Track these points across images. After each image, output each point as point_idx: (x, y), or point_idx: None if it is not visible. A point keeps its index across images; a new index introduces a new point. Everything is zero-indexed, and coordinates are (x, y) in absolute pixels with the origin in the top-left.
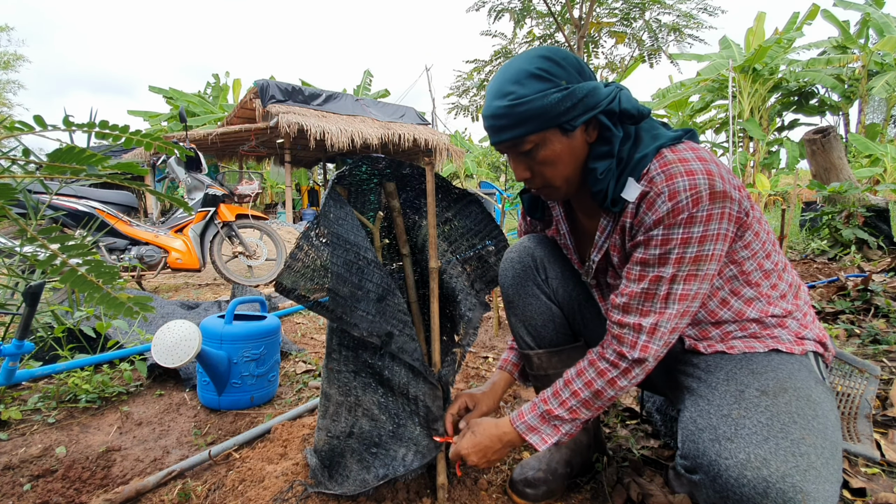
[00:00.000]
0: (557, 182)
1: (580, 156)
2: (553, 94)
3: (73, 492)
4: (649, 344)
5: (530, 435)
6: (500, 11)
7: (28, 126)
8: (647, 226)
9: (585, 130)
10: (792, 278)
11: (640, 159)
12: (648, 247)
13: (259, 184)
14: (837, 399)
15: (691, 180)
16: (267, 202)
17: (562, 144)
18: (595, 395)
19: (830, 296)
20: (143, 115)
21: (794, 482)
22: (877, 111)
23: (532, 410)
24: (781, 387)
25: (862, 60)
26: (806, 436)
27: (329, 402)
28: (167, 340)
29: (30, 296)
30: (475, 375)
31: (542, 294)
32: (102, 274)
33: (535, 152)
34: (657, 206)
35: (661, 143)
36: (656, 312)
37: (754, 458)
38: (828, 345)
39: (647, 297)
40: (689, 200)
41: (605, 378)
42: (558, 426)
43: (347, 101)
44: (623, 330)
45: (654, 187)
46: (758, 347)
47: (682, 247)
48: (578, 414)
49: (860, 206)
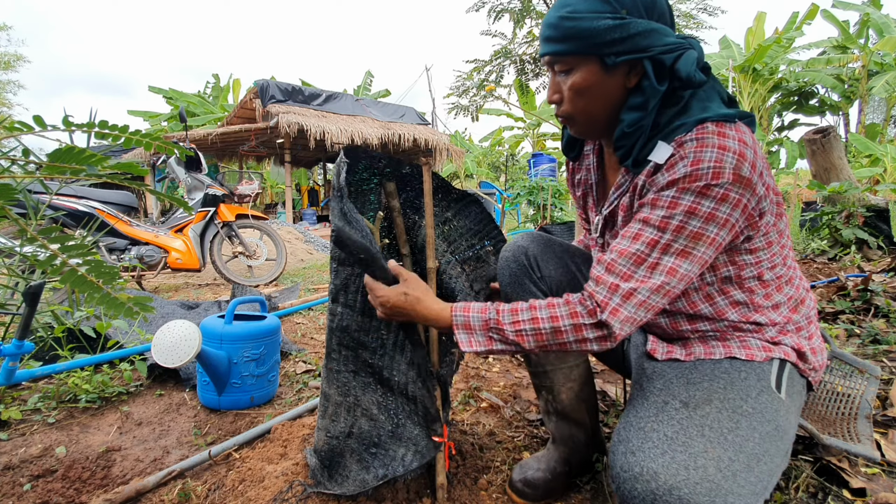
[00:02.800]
0: (580, 115)
1: (613, 99)
2: (606, 19)
3: (73, 492)
4: (620, 309)
5: (461, 331)
6: (500, 11)
7: (28, 126)
8: (659, 185)
9: (628, 74)
10: (795, 292)
11: (678, 126)
12: (655, 207)
13: (259, 184)
14: (837, 399)
15: (720, 154)
16: (267, 202)
17: (596, 77)
18: (554, 331)
19: (830, 296)
20: (143, 115)
21: (682, 495)
22: (877, 111)
23: (480, 312)
24: (707, 399)
25: (862, 60)
26: (709, 448)
27: (328, 403)
28: (167, 340)
29: (30, 296)
30: (475, 375)
31: (538, 290)
32: (102, 274)
33: (569, 75)
34: (677, 167)
35: (708, 115)
36: (638, 279)
37: (646, 471)
38: (807, 356)
39: (636, 259)
40: (711, 171)
41: (574, 320)
42: (493, 340)
43: (347, 101)
44: (598, 287)
45: (681, 150)
46: (716, 353)
47: (687, 216)
48: (523, 341)
49: (860, 206)
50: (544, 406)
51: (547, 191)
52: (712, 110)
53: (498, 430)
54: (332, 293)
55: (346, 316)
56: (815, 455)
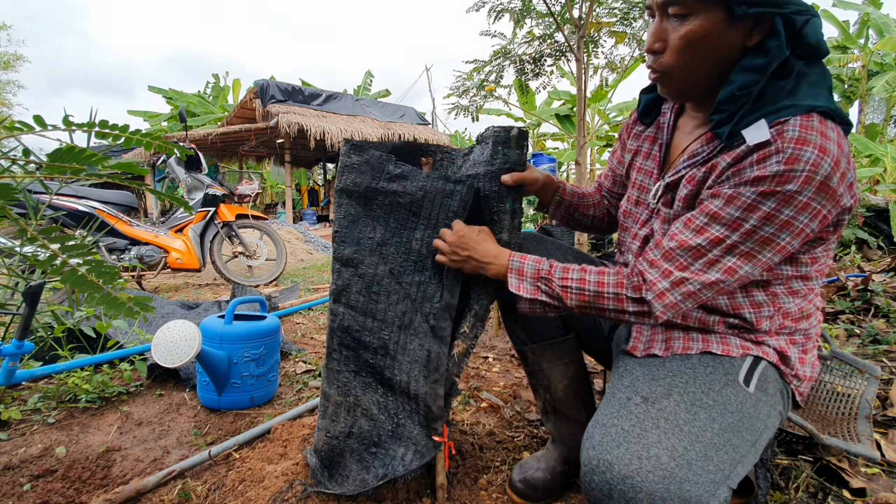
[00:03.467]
0: (682, 70)
1: (727, 56)
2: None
3: (73, 492)
4: (667, 293)
5: (513, 275)
6: (500, 11)
7: (28, 126)
8: (744, 178)
9: (750, 30)
10: (806, 305)
11: (786, 107)
12: (730, 204)
13: (259, 184)
14: (837, 399)
15: (818, 158)
16: (267, 202)
17: (715, 29)
18: (597, 295)
19: (830, 296)
20: (143, 115)
21: (634, 483)
22: (877, 111)
23: (535, 262)
24: (666, 393)
25: (862, 60)
26: (663, 439)
27: (328, 402)
28: (167, 340)
29: (30, 296)
30: (475, 375)
31: None
32: (103, 274)
33: (684, 21)
34: (769, 162)
35: (818, 104)
36: (693, 272)
37: (602, 463)
38: (791, 360)
39: (695, 254)
40: (803, 175)
41: (618, 290)
42: (539, 290)
43: (347, 101)
44: (651, 269)
45: (779, 142)
46: (693, 348)
47: (763, 221)
48: (567, 296)
49: (860, 206)
50: (542, 405)
51: None
52: (822, 99)
53: (498, 430)
54: (334, 293)
55: (347, 316)
56: (815, 455)
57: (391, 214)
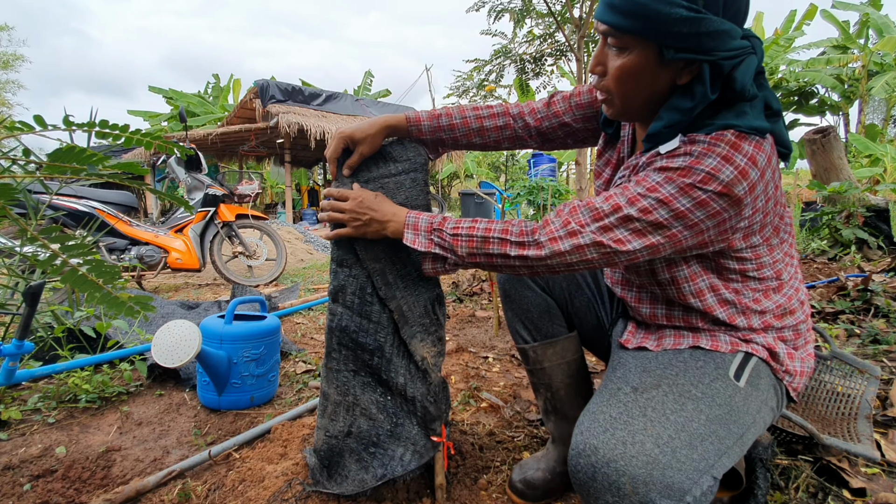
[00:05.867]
0: (618, 97)
1: (658, 91)
2: (682, 9)
3: (73, 492)
4: (559, 240)
5: (409, 230)
6: (500, 11)
7: (28, 126)
8: (654, 167)
9: (681, 69)
10: (786, 301)
11: (706, 125)
12: (637, 183)
13: (259, 184)
14: (837, 399)
15: (721, 164)
16: (267, 202)
17: (648, 66)
18: (483, 240)
19: (830, 296)
20: (143, 115)
21: (618, 467)
22: (877, 111)
23: (430, 217)
24: (656, 384)
25: (862, 60)
26: (649, 427)
27: (328, 402)
28: (167, 340)
29: (30, 296)
30: (475, 375)
31: (536, 286)
32: (103, 274)
33: (621, 53)
34: (675, 159)
35: (737, 123)
36: (591, 230)
37: (588, 447)
38: (780, 356)
39: (595, 215)
40: (703, 175)
41: (503, 235)
42: (433, 242)
43: (347, 101)
44: (554, 218)
45: (687, 147)
46: (683, 343)
47: (659, 203)
48: (457, 244)
49: (860, 206)
50: (543, 405)
51: (547, 191)
52: (746, 120)
53: (498, 430)
54: (332, 293)
55: (345, 316)
56: (815, 455)
57: None
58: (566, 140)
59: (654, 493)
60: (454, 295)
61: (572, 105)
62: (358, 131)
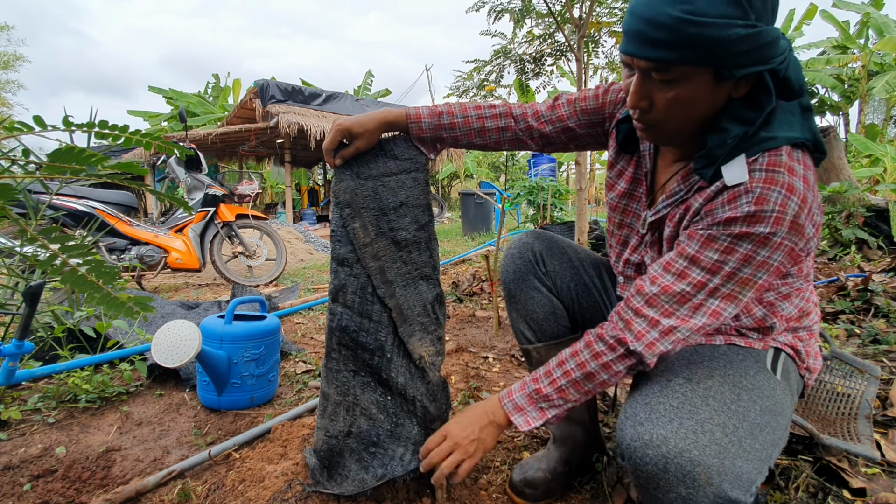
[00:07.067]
0: (673, 126)
1: (714, 108)
2: (738, 28)
3: (73, 492)
4: (657, 343)
5: (516, 415)
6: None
7: (28, 126)
8: (716, 220)
9: (737, 82)
10: (805, 304)
11: (765, 139)
12: (707, 247)
13: (259, 184)
14: (837, 399)
15: (785, 198)
16: (267, 202)
17: (706, 90)
18: (587, 377)
19: (830, 296)
20: (143, 115)
21: (692, 457)
22: (877, 111)
23: (521, 389)
24: (708, 374)
25: (862, 60)
26: (714, 416)
27: (328, 402)
28: (167, 340)
29: (30, 296)
30: (475, 375)
31: (542, 287)
32: (103, 274)
33: (672, 86)
34: (739, 203)
35: (792, 136)
36: (680, 318)
37: (656, 437)
38: (802, 355)
39: (679, 299)
40: (773, 216)
41: (599, 361)
42: (545, 409)
43: (347, 101)
44: (637, 318)
45: (749, 184)
46: (717, 341)
47: (741, 264)
48: (567, 395)
49: (860, 206)
50: None
51: (547, 191)
52: (794, 129)
53: None
54: (332, 293)
55: (345, 316)
56: (815, 455)
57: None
58: (568, 144)
59: (726, 483)
60: (454, 295)
61: (577, 110)
62: (356, 125)
